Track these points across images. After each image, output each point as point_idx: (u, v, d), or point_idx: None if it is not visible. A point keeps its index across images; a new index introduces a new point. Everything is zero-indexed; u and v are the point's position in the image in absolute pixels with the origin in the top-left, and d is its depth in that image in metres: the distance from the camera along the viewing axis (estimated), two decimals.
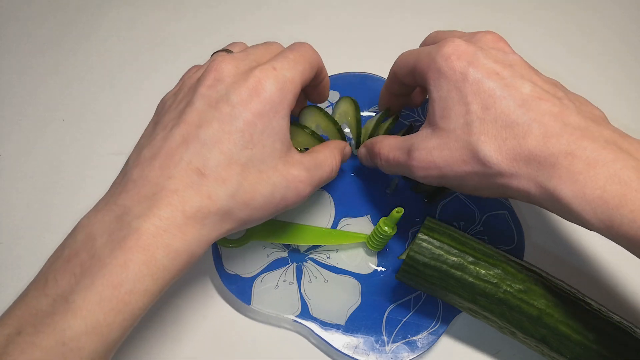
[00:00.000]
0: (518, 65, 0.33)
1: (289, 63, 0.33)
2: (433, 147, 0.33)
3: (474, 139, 0.31)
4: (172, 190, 0.28)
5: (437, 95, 0.33)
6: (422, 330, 0.38)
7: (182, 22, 0.54)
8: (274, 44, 0.36)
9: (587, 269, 0.43)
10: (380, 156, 0.37)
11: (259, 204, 0.31)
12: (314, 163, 0.34)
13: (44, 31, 0.52)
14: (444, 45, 0.33)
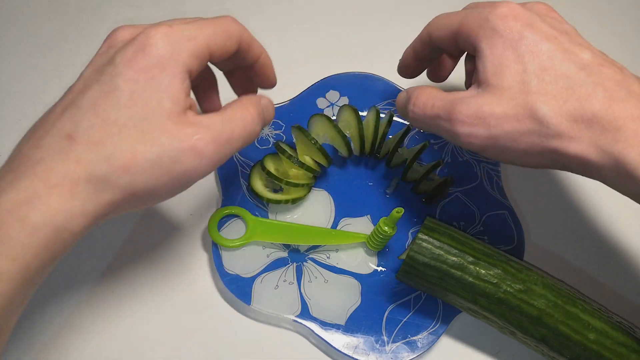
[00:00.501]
0: (574, 34, 0.32)
1: (193, 25, 0.30)
2: (484, 102, 0.31)
3: (532, 98, 0.29)
4: (36, 160, 0.26)
5: (490, 52, 0.31)
6: (422, 330, 0.38)
7: None
8: (197, 19, 0.34)
9: (587, 269, 0.43)
10: (417, 103, 0.34)
11: (142, 168, 0.27)
12: (220, 119, 0.30)
13: (44, 31, 0.52)
14: (498, 6, 0.32)
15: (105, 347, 0.38)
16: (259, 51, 0.34)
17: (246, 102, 0.32)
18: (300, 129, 0.41)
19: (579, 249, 0.43)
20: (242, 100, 0.33)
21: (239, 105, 0.32)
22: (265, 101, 0.34)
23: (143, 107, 0.27)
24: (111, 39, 0.30)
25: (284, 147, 0.41)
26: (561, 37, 0.31)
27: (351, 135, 0.42)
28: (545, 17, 0.32)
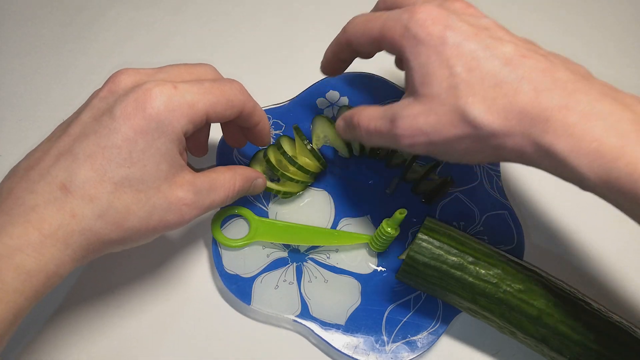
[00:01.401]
0: (493, 28, 0.32)
1: (198, 89, 0.31)
2: (418, 113, 0.31)
3: (462, 102, 0.29)
4: (30, 206, 0.27)
5: (416, 63, 0.31)
6: (422, 330, 0.38)
7: (183, 23, 0.54)
8: (204, 67, 0.35)
9: (587, 269, 0.43)
10: (360, 127, 0.36)
11: (133, 225, 0.29)
12: (208, 186, 0.33)
13: (44, 32, 0.52)
14: (415, 12, 0.32)
15: (104, 346, 0.38)
16: (260, 119, 0.36)
17: (237, 176, 0.35)
18: (296, 130, 0.41)
19: (579, 249, 0.43)
20: (235, 171, 0.35)
21: (230, 176, 0.34)
22: (258, 181, 0.38)
23: (140, 169, 0.29)
24: (113, 83, 0.31)
25: (282, 144, 0.41)
26: (481, 33, 0.31)
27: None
28: (462, 15, 0.32)
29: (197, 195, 0.31)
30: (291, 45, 0.53)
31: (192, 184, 0.31)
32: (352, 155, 0.43)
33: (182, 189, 0.31)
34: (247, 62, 0.52)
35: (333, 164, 0.45)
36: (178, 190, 0.30)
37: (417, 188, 0.43)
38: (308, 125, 0.44)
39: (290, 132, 0.43)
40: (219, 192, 0.33)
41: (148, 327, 0.39)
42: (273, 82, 0.50)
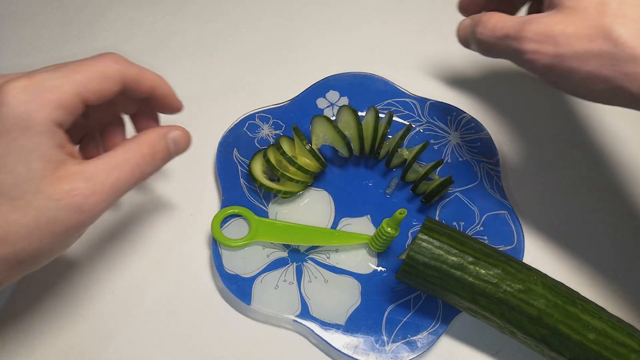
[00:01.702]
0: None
1: (59, 72, 0.28)
2: (556, 21, 0.29)
3: (609, 20, 0.28)
4: None
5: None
6: (422, 330, 0.38)
7: (183, 23, 0.54)
8: (100, 57, 0.30)
9: (587, 269, 0.43)
10: (487, 25, 0.33)
11: (20, 235, 0.26)
12: (105, 166, 0.29)
13: (44, 32, 0.52)
14: None
15: (104, 346, 0.38)
16: (152, 83, 0.32)
17: (141, 142, 0.31)
18: (295, 131, 0.41)
19: (579, 249, 0.43)
20: (138, 139, 0.31)
21: (131, 145, 0.30)
22: (174, 134, 0.33)
23: (10, 174, 0.26)
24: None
25: (282, 144, 0.41)
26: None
27: (350, 136, 0.42)
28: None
29: (90, 181, 0.28)
30: (291, 45, 0.53)
31: (81, 173, 0.28)
32: (351, 154, 0.43)
33: (68, 181, 0.27)
34: (247, 62, 0.52)
35: (333, 163, 0.45)
36: (63, 184, 0.27)
37: (417, 188, 0.43)
38: (308, 126, 0.44)
39: (290, 132, 0.43)
40: (123, 167, 0.29)
41: (148, 327, 0.39)
42: (273, 82, 0.50)
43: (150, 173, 0.31)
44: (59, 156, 0.27)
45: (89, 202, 0.28)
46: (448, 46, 0.54)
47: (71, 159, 0.28)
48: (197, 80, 0.50)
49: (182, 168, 0.45)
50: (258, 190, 0.43)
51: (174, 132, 0.33)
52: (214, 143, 0.45)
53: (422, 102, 0.47)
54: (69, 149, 0.28)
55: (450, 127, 0.46)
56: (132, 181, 0.30)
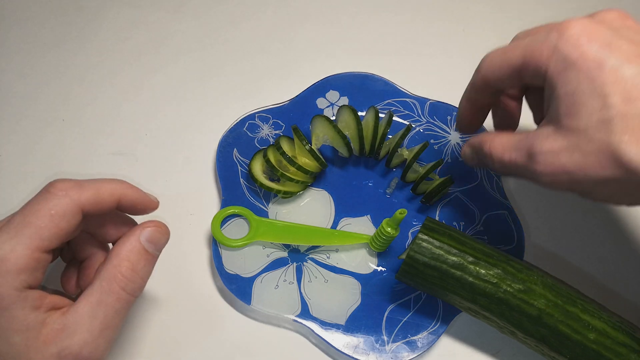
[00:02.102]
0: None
1: (8, 234, 0.26)
2: (560, 149, 0.28)
3: (615, 140, 0.26)
4: None
5: (564, 90, 0.27)
6: (422, 330, 0.38)
7: (182, 22, 0.54)
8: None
9: (587, 269, 0.43)
10: (493, 158, 0.32)
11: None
12: (87, 310, 0.27)
13: (44, 32, 0.52)
14: (567, 28, 0.28)
15: None
16: (114, 197, 0.29)
17: (116, 262, 0.28)
18: (295, 131, 0.41)
19: (579, 249, 0.43)
20: (112, 260, 0.28)
21: (107, 270, 0.28)
22: (146, 235, 0.30)
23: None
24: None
25: (282, 144, 0.41)
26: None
27: (350, 136, 0.42)
28: (621, 29, 0.28)
29: (76, 334, 0.26)
30: (291, 45, 0.53)
31: (65, 328, 0.26)
32: (351, 154, 0.43)
33: (55, 342, 0.26)
34: (247, 62, 0.52)
35: (333, 163, 0.45)
36: (50, 348, 0.26)
37: (418, 188, 0.43)
38: (308, 126, 0.44)
39: (290, 132, 0.43)
40: (107, 300, 0.27)
41: (147, 327, 0.39)
42: (273, 81, 0.50)
43: (141, 287, 0.29)
44: (38, 318, 0.26)
45: (84, 355, 0.26)
46: (448, 46, 0.54)
47: (52, 315, 0.26)
48: (197, 80, 0.50)
49: (182, 168, 0.45)
50: (258, 190, 0.43)
51: (145, 233, 0.30)
52: (214, 143, 0.45)
53: (422, 102, 0.47)
54: (47, 303, 0.27)
55: (450, 127, 0.46)
56: (122, 309, 0.28)
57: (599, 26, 0.28)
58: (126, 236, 0.29)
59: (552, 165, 0.28)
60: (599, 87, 0.26)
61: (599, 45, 0.27)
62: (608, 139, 0.26)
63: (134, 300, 0.28)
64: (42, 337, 0.26)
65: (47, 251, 0.27)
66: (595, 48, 0.27)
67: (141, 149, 0.46)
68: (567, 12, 0.57)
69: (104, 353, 0.27)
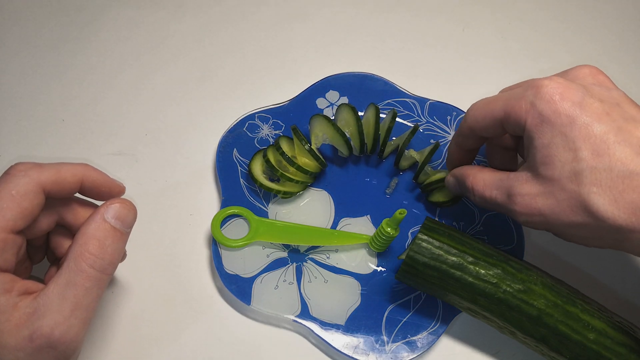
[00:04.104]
0: (625, 103, 0.30)
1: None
2: (536, 194, 0.31)
3: (585, 190, 0.28)
4: None
5: (539, 142, 0.30)
6: (422, 330, 0.38)
7: (182, 22, 0.54)
8: None
9: (587, 269, 0.43)
10: (475, 192, 0.36)
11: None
12: (56, 291, 0.27)
13: (44, 32, 0.52)
14: (541, 86, 0.30)
15: (103, 346, 0.38)
16: (76, 177, 0.30)
17: (83, 240, 0.28)
18: (295, 131, 0.41)
19: (579, 249, 0.43)
20: (79, 239, 0.28)
21: (74, 250, 0.28)
22: (112, 212, 0.29)
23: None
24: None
25: (281, 144, 0.41)
26: (613, 112, 0.29)
27: (350, 133, 0.42)
28: (593, 87, 0.30)
29: (46, 316, 0.26)
30: (291, 45, 0.53)
31: (35, 311, 0.26)
32: (351, 153, 0.43)
33: (26, 325, 0.26)
34: (247, 62, 0.52)
35: (333, 163, 0.45)
36: (22, 331, 0.26)
37: (418, 178, 0.43)
38: (307, 126, 0.44)
39: (290, 132, 0.43)
40: (76, 280, 0.27)
41: (147, 327, 0.39)
42: (273, 82, 0.50)
43: (111, 263, 0.28)
44: (9, 302, 0.26)
45: (55, 336, 0.26)
46: (448, 46, 0.54)
47: (24, 299, 0.26)
48: (197, 80, 0.50)
49: (182, 168, 0.45)
50: (258, 190, 0.43)
51: (110, 210, 0.29)
52: (214, 143, 0.45)
53: (422, 102, 0.47)
54: (19, 287, 0.27)
55: (450, 127, 0.46)
56: (92, 287, 0.27)
57: (571, 84, 0.30)
58: (91, 215, 0.29)
59: (529, 207, 0.31)
60: (571, 141, 0.29)
61: (571, 103, 0.29)
62: (578, 189, 0.28)
63: (106, 278, 0.28)
64: (14, 321, 0.26)
65: (13, 232, 0.27)
66: (567, 106, 0.29)
67: (141, 149, 0.46)
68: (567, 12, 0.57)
69: (79, 334, 0.27)
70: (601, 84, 0.31)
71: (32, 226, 0.29)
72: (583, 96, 0.30)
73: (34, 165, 0.28)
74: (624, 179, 0.27)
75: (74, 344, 0.27)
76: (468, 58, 0.53)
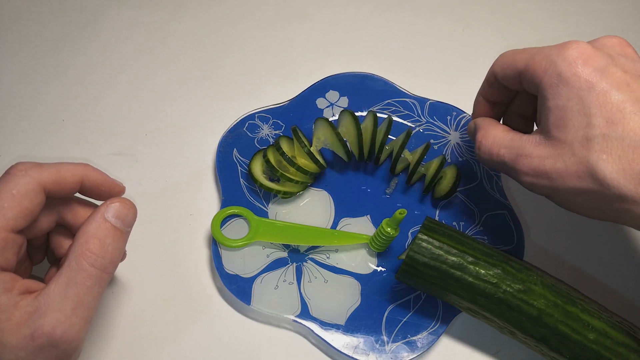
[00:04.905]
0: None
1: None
2: (546, 156, 0.30)
3: (594, 157, 0.28)
4: None
5: (554, 103, 0.30)
6: (422, 330, 0.38)
7: (182, 23, 0.54)
8: None
9: (587, 269, 0.43)
10: (482, 147, 0.35)
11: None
12: (57, 290, 0.27)
13: (44, 32, 0.52)
14: (567, 48, 0.30)
15: (103, 346, 0.38)
16: (76, 177, 0.30)
17: (83, 240, 0.28)
18: (294, 132, 0.41)
19: (579, 249, 0.43)
20: (79, 238, 0.28)
21: (75, 249, 0.28)
22: (112, 211, 0.29)
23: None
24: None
25: (281, 144, 0.41)
26: (634, 83, 0.28)
27: (350, 142, 0.42)
28: (619, 57, 0.30)
29: (47, 315, 0.26)
30: (291, 45, 0.53)
31: (36, 310, 0.26)
32: (351, 159, 0.43)
33: (27, 324, 0.26)
34: (247, 62, 0.52)
35: (333, 164, 0.45)
36: (23, 330, 0.26)
37: (433, 190, 0.43)
38: (308, 126, 0.44)
39: (290, 132, 0.43)
40: (77, 279, 0.27)
41: (147, 327, 0.39)
42: (273, 82, 0.50)
43: (112, 262, 0.29)
44: (10, 301, 0.26)
45: (57, 335, 0.26)
46: (448, 46, 0.54)
47: (25, 298, 0.26)
48: (197, 80, 0.50)
49: (182, 168, 0.45)
50: (258, 190, 0.43)
51: (111, 209, 0.29)
52: (214, 143, 0.45)
53: (422, 102, 0.47)
54: (19, 286, 0.27)
55: (450, 127, 0.46)
56: (93, 286, 0.27)
57: (597, 51, 0.30)
58: (92, 215, 0.29)
59: (536, 168, 0.31)
60: (586, 107, 0.29)
61: (593, 69, 0.29)
62: (588, 154, 0.28)
63: (107, 277, 0.28)
64: (15, 320, 0.26)
65: (14, 231, 0.27)
66: (588, 71, 0.29)
67: (141, 149, 0.46)
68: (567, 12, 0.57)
69: (80, 332, 0.27)
70: (627, 56, 0.30)
71: (33, 226, 0.29)
72: (607, 64, 0.29)
73: (34, 164, 0.28)
74: (635, 149, 0.27)
75: (75, 343, 0.27)
76: (468, 58, 0.53)
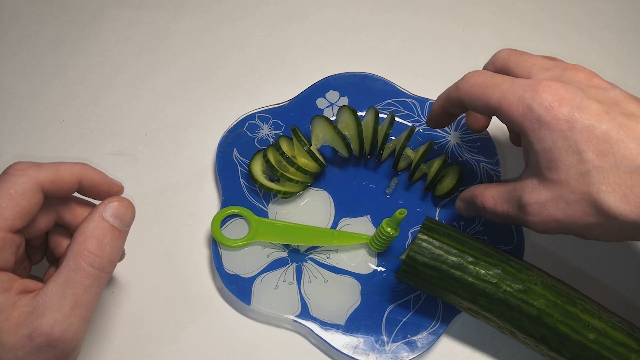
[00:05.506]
0: (623, 100, 0.30)
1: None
2: (546, 200, 0.31)
3: (594, 189, 0.28)
4: None
5: (540, 147, 0.30)
6: (422, 330, 0.38)
7: (182, 23, 0.54)
8: None
9: (587, 269, 0.43)
10: (486, 210, 0.35)
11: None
12: (56, 290, 0.27)
13: (44, 32, 0.52)
14: (539, 91, 0.30)
15: (103, 346, 0.38)
16: (74, 177, 0.30)
17: (81, 239, 0.28)
18: (294, 132, 0.41)
19: (579, 249, 0.43)
20: (77, 238, 0.28)
21: (73, 248, 0.28)
22: (110, 210, 0.29)
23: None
24: None
25: (281, 144, 0.41)
26: (612, 111, 0.29)
27: (350, 136, 0.42)
28: (589, 89, 0.30)
29: (45, 315, 0.26)
30: (291, 45, 0.53)
31: (34, 310, 0.26)
32: (351, 155, 0.43)
33: (25, 324, 0.26)
34: (247, 62, 0.52)
35: (333, 163, 0.45)
36: (22, 330, 0.26)
37: (435, 189, 0.43)
38: (308, 126, 0.43)
39: (290, 132, 0.43)
40: (75, 278, 0.27)
41: (147, 328, 0.39)
42: (273, 82, 0.50)
43: (110, 262, 0.28)
44: (8, 301, 0.26)
45: (55, 335, 0.26)
46: (448, 46, 0.54)
47: (23, 298, 0.27)
48: (197, 80, 0.50)
49: (182, 168, 0.45)
50: (258, 190, 0.43)
51: (109, 209, 0.29)
52: (214, 143, 0.45)
53: (422, 102, 0.47)
54: (17, 286, 0.27)
55: (450, 127, 0.46)
56: (92, 285, 0.27)
57: (568, 88, 0.30)
58: (90, 214, 0.29)
59: (541, 215, 0.31)
60: (574, 144, 0.29)
61: (570, 108, 0.29)
62: (588, 189, 0.29)
63: (105, 276, 0.28)
64: (13, 320, 0.26)
65: (12, 231, 0.27)
66: (566, 111, 0.29)
67: (141, 149, 0.46)
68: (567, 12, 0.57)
69: (78, 332, 0.27)
70: (598, 87, 0.31)
71: (31, 225, 0.29)
72: (581, 99, 0.30)
73: (32, 164, 0.28)
74: (632, 174, 0.27)
75: (73, 342, 0.27)
76: (468, 58, 0.53)
